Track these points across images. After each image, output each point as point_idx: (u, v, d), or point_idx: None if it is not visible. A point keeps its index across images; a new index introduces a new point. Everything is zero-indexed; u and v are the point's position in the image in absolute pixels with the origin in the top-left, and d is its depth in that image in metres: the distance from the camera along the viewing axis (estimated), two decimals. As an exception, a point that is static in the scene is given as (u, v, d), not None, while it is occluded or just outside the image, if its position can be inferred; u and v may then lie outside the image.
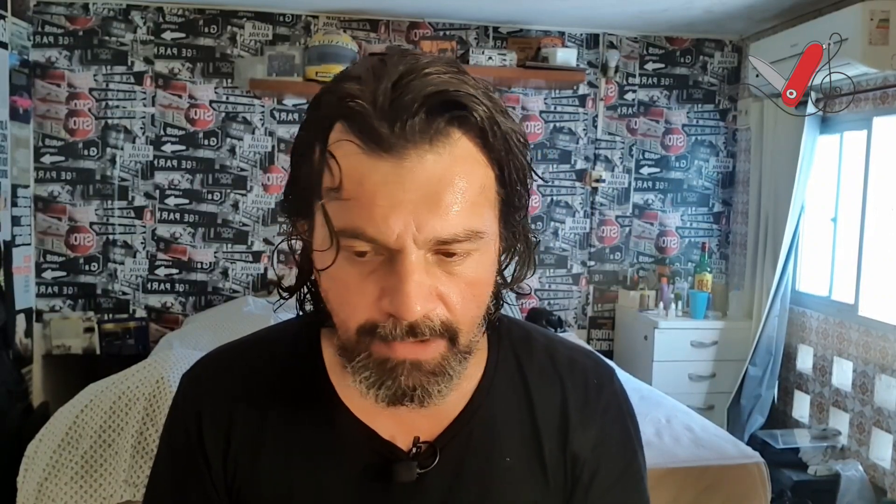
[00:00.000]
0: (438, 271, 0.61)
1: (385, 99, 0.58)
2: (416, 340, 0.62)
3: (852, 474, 2.94)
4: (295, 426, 0.73)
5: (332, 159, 0.59)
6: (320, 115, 0.62)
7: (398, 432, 0.72)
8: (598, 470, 0.76)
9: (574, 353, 0.81)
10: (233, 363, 0.77)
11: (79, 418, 2.09)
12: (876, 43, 2.79)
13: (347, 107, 0.59)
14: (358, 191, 0.58)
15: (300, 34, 3.78)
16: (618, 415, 0.79)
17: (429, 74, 0.59)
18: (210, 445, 0.73)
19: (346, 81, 0.61)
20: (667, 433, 2.41)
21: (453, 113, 0.59)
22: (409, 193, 0.58)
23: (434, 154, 0.58)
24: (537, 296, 4.08)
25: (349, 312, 0.63)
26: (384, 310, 0.60)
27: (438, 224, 0.58)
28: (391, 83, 0.58)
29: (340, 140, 0.59)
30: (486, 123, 0.60)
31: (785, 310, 3.53)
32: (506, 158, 0.62)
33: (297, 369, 0.74)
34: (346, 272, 0.61)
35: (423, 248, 0.59)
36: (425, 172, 0.58)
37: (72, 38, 3.64)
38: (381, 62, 0.61)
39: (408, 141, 0.58)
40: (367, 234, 0.58)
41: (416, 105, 0.57)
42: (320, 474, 0.71)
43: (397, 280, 0.59)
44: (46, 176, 3.65)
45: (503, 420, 0.74)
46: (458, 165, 0.59)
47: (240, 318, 3.21)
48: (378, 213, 0.58)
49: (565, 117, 4.01)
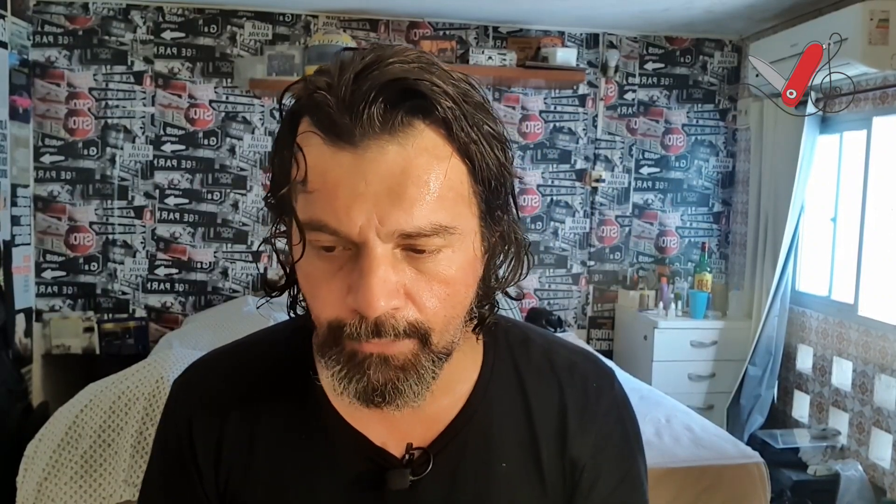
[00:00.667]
0: (407, 268, 0.59)
1: (346, 90, 0.57)
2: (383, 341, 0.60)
3: (852, 474, 2.94)
4: (287, 432, 0.71)
5: (298, 152, 0.59)
6: (290, 109, 0.61)
7: (390, 438, 0.71)
8: (598, 476, 0.74)
9: (573, 355, 0.79)
10: (224, 368, 0.76)
11: (78, 418, 2.09)
12: (876, 43, 2.79)
13: (312, 99, 0.58)
14: (321, 183, 0.58)
15: (300, 34, 3.78)
16: (618, 420, 0.77)
17: (391, 64, 0.57)
18: (201, 453, 0.72)
19: (317, 75, 0.60)
20: (666, 433, 2.41)
21: (413, 102, 0.57)
22: (372, 185, 0.56)
23: (396, 145, 0.57)
24: (537, 296, 4.08)
25: (320, 308, 0.62)
26: (350, 306, 0.59)
27: (402, 217, 0.57)
28: (354, 74, 0.57)
29: (306, 132, 0.59)
30: (450, 114, 0.58)
31: (785, 310, 3.53)
32: (476, 152, 0.60)
33: (289, 374, 0.73)
34: (315, 267, 0.61)
35: (389, 242, 0.58)
36: (387, 164, 0.57)
37: (71, 37, 3.64)
38: (353, 55, 0.60)
39: (365, 131, 0.56)
40: (330, 226, 0.57)
41: (373, 94, 0.56)
42: (312, 481, 0.70)
43: (360, 275, 0.57)
44: (46, 176, 3.65)
45: (499, 425, 0.73)
46: (421, 157, 0.57)
47: (239, 318, 3.21)
48: (340, 205, 0.57)
49: (565, 117, 4.01)
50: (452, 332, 0.64)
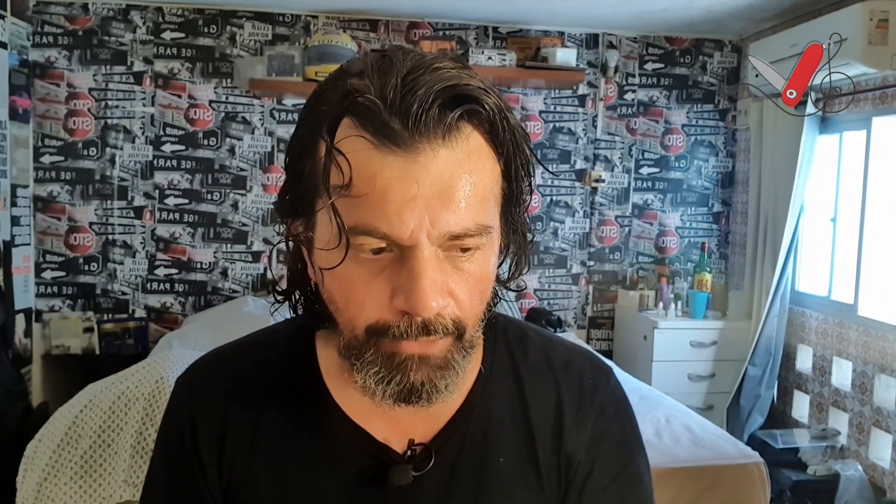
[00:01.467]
0: (448, 267, 0.61)
1: (395, 94, 0.57)
2: (430, 340, 0.61)
3: (852, 474, 2.94)
4: (289, 429, 0.72)
5: (340, 156, 0.58)
6: (323, 112, 0.60)
7: (392, 434, 0.71)
8: (592, 471, 0.75)
9: (570, 353, 0.80)
10: (227, 366, 0.77)
11: (78, 418, 2.09)
12: (875, 43, 2.80)
13: (355, 102, 0.58)
14: (369, 187, 0.57)
15: (300, 34, 3.78)
16: (614, 415, 0.77)
17: (438, 69, 0.58)
18: (205, 450, 0.72)
19: (348, 77, 0.60)
20: (666, 433, 2.41)
21: (465, 107, 0.58)
22: (423, 188, 0.57)
23: (447, 149, 0.58)
24: (537, 296, 4.08)
25: (356, 311, 0.62)
26: (398, 308, 0.60)
27: (452, 219, 0.58)
28: (400, 78, 0.58)
29: (350, 136, 0.58)
30: (497, 117, 0.60)
31: (784, 310, 3.53)
32: (513, 153, 0.63)
33: (292, 372, 0.74)
34: (352, 271, 0.60)
35: (436, 244, 0.59)
36: (438, 167, 0.57)
37: (71, 37, 3.64)
38: (384, 58, 0.60)
39: (421, 136, 0.57)
40: (380, 230, 0.58)
41: (430, 99, 0.57)
42: (315, 478, 0.71)
43: (411, 277, 0.58)
44: (46, 176, 3.65)
45: (497, 421, 0.74)
46: (469, 160, 0.59)
47: (239, 318, 3.21)
48: (391, 209, 0.57)
49: (565, 117, 4.01)
50: (479, 327, 0.67)
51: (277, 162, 3.81)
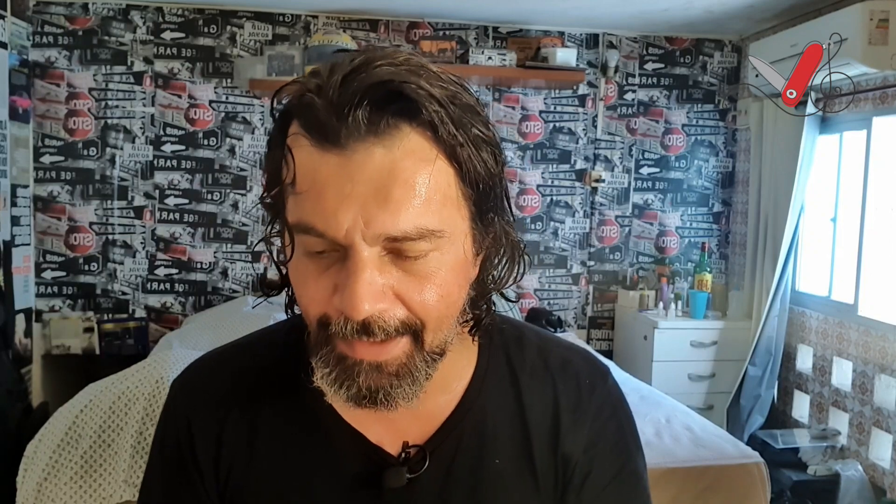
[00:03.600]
0: (394, 270, 0.59)
1: (334, 92, 0.57)
2: (373, 341, 0.60)
3: (852, 474, 2.94)
4: (285, 431, 0.72)
5: (288, 154, 0.59)
6: (281, 111, 0.62)
7: (386, 436, 0.71)
8: (590, 471, 0.74)
9: (567, 353, 0.79)
10: (222, 368, 0.76)
11: (78, 418, 2.09)
12: (876, 43, 2.79)
13: (301, 101, 0.59)
14: (310, 184, 0.58)
15: (300, 34, 3.78)
16: (611, 416, 0.77)
17: (378, 67, 0.57)
18: (201, 452, 0.72)
19: (309, 77, 0.60)
20: (666, 433, 2.40)
21: (398, 105, 0.57)
22: (358, 187, 0.56)
23: (382, 147, 0.57)
24: (537, 296, 4.08)
25: (306, 305, 0.63)
26: (336, 306, 0.59)
27: (388, 220, 0.57)
28: (342, 76, 0.57)
29: (295, 134, 0.59)
30: (435, 117, 0.57)
31: (785, 310, 3.53)
32: (463, 155, 0.59)
33: (287, 373, 0.73)
34: (305, 266, 0.61)
35: (375, 245, 0.58)
36: (373, 166, 0.57)
37: (71, 37, 3.64)
38: (344, 58, 0.60)
39: (353, 134, 0.56)
40: (317, 228, 0.58)
41: (359, 97, 0.56)
42: (310, 480, 0.71)
43: (346, 277, 0.58)
44: (46, 176, 3.65)
45: (494, 422, 0.73)
46: (407, 160, 0.57)
47: (239, 318, 3.21)
48: (328, 206, 0.57)
49: (565, 117, 4.01)
50: (445, 332, 0.64)
51: (277, 162, 3.81)
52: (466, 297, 0.66)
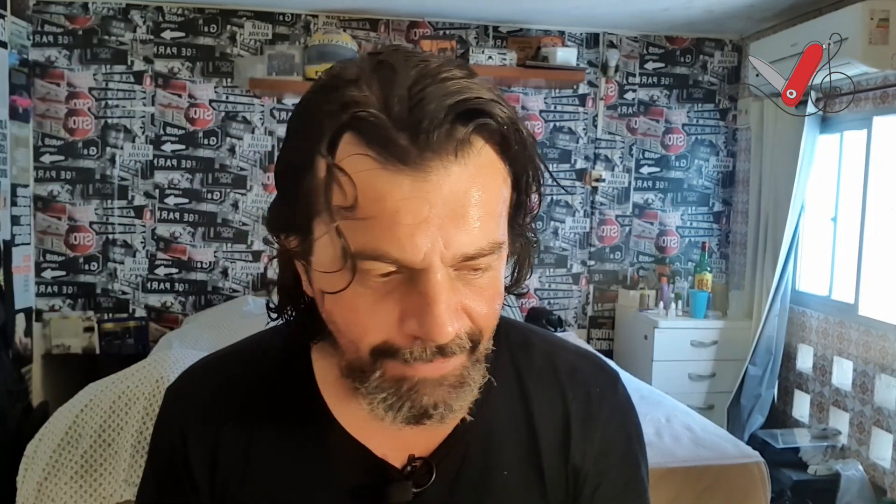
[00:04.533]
0: (460, 285, 0.57)
1: (402, 107, 0.53)
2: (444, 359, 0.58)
3: (852, 474, 2.94)
4: (284, 443, 0.69)
5: (344, 176, 0.53)
6: (321, 126, 0.55)
7: (391, 449, 0.68)
8: (600, 483, 0.73)
9: (576, 358, 0.77)
10: (218, 377, 0.73)
11: (78, 418, 2.09)
12: (876, 42, 2.79)
13: (356, 116, 0.53)
14: (377, 209, 0.53)
15: (300, 33, 3.77)
16: (621, 425, 0.75)
17: (446, 79, 0.54)
18: (196, 464, 0.69)
19: (344, 87, 0.55)
20: (667, 433, 2.40)
21: (478, 121, 0.54)
22: (436, 209, 0.53)
23: (459, 165, 0.54)
24: (537, 295, 4.08)
25: (359, 334, 0.58)
26: (409, 332, 0.56)
27: (466, 239, 0.54)
28: (406, 89, 0.53)
29: (353, 154, 0.53)
30: (509, 129, 0.56)
31: (785, 309, 3.53)
32: (523, 163, 0.59)
33: (287, 383, 0.70)
34: (357, 294, 0.56)
35: (449, 265, 0.55)
36: (450, 185, 0.53)
37: (71, 37, 3.64)
38: (381, 64, 0.56)
39: (433, 153, 0.53)
40: (391, 255, 0.53)
41: (442, 114, 0.52)
42: (311, 494, 0.68)
43: (424, 302, 0.54)
44: (46, 175, 3.65)
45: (501, 432, 0.71)
46: (481, 175, 0.55)
47: (239, 318, 3.21)
48: (402, 232, 0.53)
49: (565, 117, 4.01)
50: (491, 338, 0.64)
51: (278, 161, 3.81)
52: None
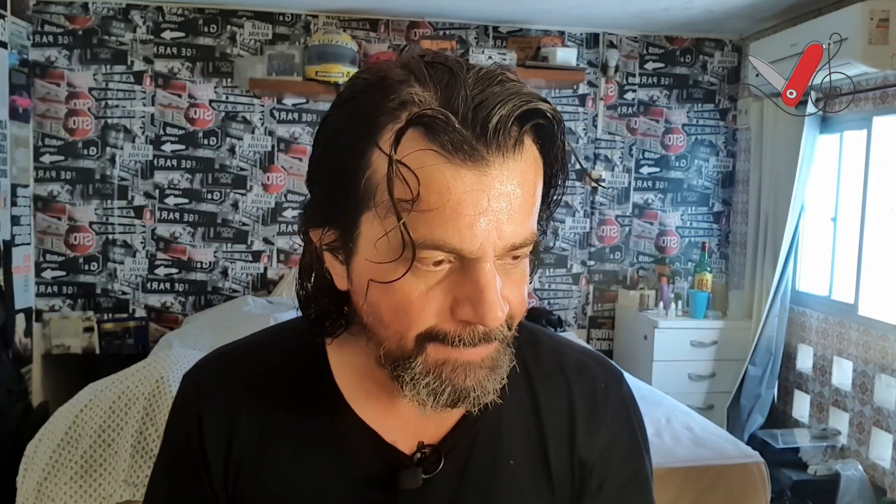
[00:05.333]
0: (501, 273, 0.61)
1: (466, 107, 0.57)
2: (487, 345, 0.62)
3: (852, 474, 2.94)
4: (299, 430, 0.72)
5: (407, 170, 0.56)
6: (376, 123, 0.59)
7: (401, 436, 0.71)
8: (606, 476, 0.75)
9: (582, 356, 0.80)
10: (235, 365, 0.76)
11: (78, 418, 2.09)
12: (876, 42, 2.79)
13: (423, 114, 0.57)
14: (441, 201, 0.57)
15: (300, 34, 3.78)
16: (626, 420, 0.78)
17: (503, 81, 0.59)
18: (211, 449, 0.72)
19: (397, 86, 0.59)
20: (666, 433, 2.40)
21: (535, 121, 0.59)
22: (493, 201, 0.58)
23: (514, 161, 0.59)
24: (537, 295, 4.08)
25: (408, 322, 0.61)
26: (461, 318, 0.60)
27: (515, 230, 0.59)
28: (469, 90, 0.58)
29: (418, 150, 0.57)
30: (557, 130, 0.61)
31: (785, 309, 3.53)
32: (560, 162, 0.64)
33: (302, 372, 0.73)
34: (409, 283, 0.60)
35: (497, 255, 0.60)
36: (506, 180, 0.58)
37: (71, 37, 3.64)
38: (433, 66, 0.60)
39: (497, 149, 0.57)
40: (451, 244, 0.57)
41: (506, 115, 0.57)
42: (323, 479, 0.71)
43: (478, 289, 0.59)
44: (46, 175, 3.65)
45: (508, 424, 0.74)
46: (528, 172, 0.60)
47: (240, 318, 3.20)
48: (464, 222, 0.57)
49: (565, 116, 4.01)
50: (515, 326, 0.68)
51: (277, 161, 3.81)
52: None
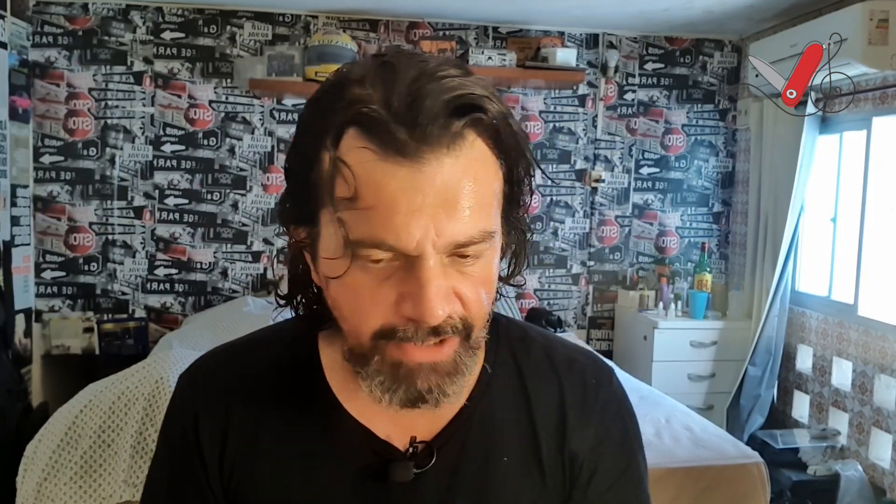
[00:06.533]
0: (453, 271, 0.61)
1: (401, 104, 0.57)
2: (429, 345, 0.62)
3: (852, 474, 2.94)
4: (292, 426, 0.73)
5: (346, 168, 0.58)
6: (326, 121, 0.60)
7: (394, 432, 0.72)
8: (596, 469, 0.75)
9: (572, 352, 0.81)
10: (230, 364, 0.77)
11: (78, 418, 2.09)
12: (875, 43, 2.79)
13: (360, 112, 0.57)
14: (376, 199, 0.57)
15: (300, 34, 3.78)
16: (616, 414, 0.78)
17: (442, 77, 0.58)
18: (207, 446, 0.73)
19: (350, 86, 0.59)
20: (666, 433, 2.40)
21: (471, 116, 0.58)
22: (429, 199, 0.57)
23: (451, 157, 0.58)
24: (537, 296, 4.08)
25: (362, 318, 0.62)
26: (404, 314, 0.60)
27: (457, 228, 0.58)
28: (405, 86, 0.57)
29: (355, 147, 0.58)
30: (500, 123, 0.60)
31: (784, 310, 3.53)
32: (514, 157, 0.63)
33: (295, 370, 0.74)
34: (358, 279, 0.61)
35: (441, 252, 0.59)
36: (443, 176, 0.57)
37: (71, 37, 3.64)
38: (385, 64, 0.60)
39: (427, 145, 0.57)
40: (387, 242, 0.58)
41: (437, 109, 0.57)
42: (317, 475, 0.71)
43: (417, 286, 0.58)
44: (46, 176, 3.65)
45: (500, 419, 0.74)
46: (473, 167, 0.59)
47: (239, 318, 3.21)
48: (398, 220, 0.57)
49: (565, 117, 4.01)
50: (485, 327, 0.67)
51: (277, 162, 3.81)
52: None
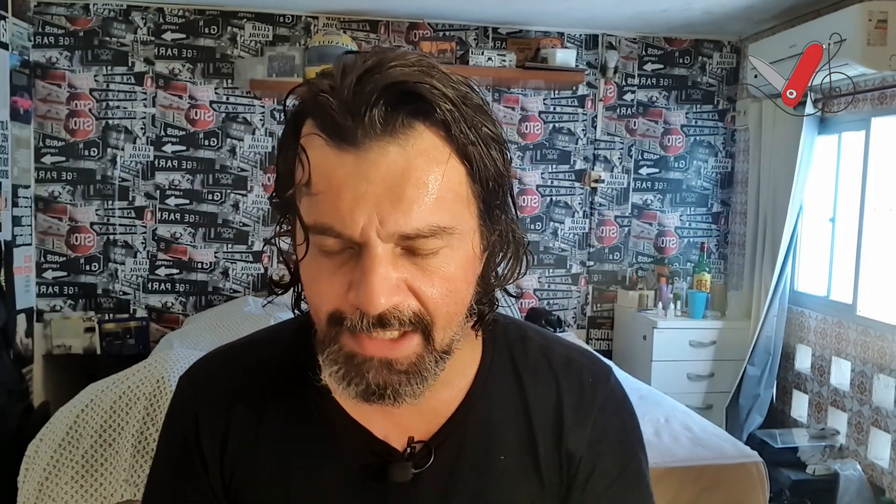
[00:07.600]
0: (408, 265, 0.61)
1: (349, 92, 0.58)
2: (389, 338, 0.61)
3: (851, 474, 2.95)
4: (291, 426, 0.73)
5: (302, 154, 0.60)
6: (294, 112, 0.63)
7: (392, 432, 0.72)
8: (594, 468, 0.75)
9: (570, 351, 0.81)
10: (229, 364, 0.78)
11: (79, 418, 2.10)
12: (874, 43, 2.80)
13: (315, 101, 0.59)
14: (326, 185, 0.59)
15: (300, 35, 3.78)
16: (614, 413, 0.78)
17: (393, 67, 0.58)
18: (207, 447, 0.73)
19: (320, 78, 0.61)
20: (665, 433, 2.41)
21: (414, 105, 0.58)
22: (373, 186, 0.58)
23: (396, 146, 0.58)
24: (536, 296, 4.08)
25: (318, 304, 0.63)
26: (351, 302, 0.60)
27: (401, 218, 0.58)
28: (356, 77, 0.58)
29: (310, 134, 0.60)
30: (449, 116, 0.59)
31: (783, 310, 3.53)
32: (475, 153, 0.61)
33: (293, 370, 0.74)
34: (318, 264, 0.62)
35: (389, 242, 0.59)
36: (387, 165, 0.58)
37: (72, 38, 3.65)
38: (355, 59, 0.61)
39: (367, 133, 0.57)
40: (335, 229, 0.59)
41: (375, 97, 0.57)
42: (316, 475, 0.72)
43: (361, 273, 0.59)
44: (47, 176, 3.66)
45: (498, 419, 0.74)
46: (420, 159, 0.59)
47: (240, 318, 3.21)
48: (343, 206, 0.58)
49: (564, 118, 4.02)
50: (454, 330, 0.66)
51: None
52: (473, 294, 0.68)
